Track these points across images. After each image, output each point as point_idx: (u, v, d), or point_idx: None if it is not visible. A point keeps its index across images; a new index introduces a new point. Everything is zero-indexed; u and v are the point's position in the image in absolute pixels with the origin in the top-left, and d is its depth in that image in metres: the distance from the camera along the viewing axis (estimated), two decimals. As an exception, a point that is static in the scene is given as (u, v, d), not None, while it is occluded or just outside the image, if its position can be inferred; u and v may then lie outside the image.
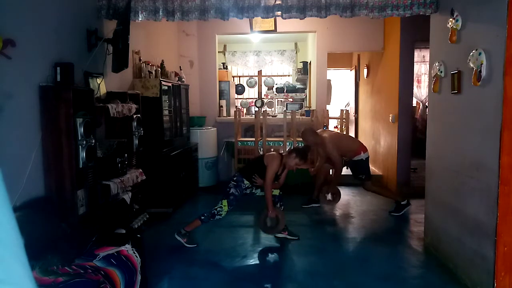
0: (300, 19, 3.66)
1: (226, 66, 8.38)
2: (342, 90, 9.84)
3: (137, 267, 2.49)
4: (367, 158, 4.87)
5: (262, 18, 3.74)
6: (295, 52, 8.88)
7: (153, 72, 4.89)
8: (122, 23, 3.49)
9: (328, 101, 7.34)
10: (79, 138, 2.80)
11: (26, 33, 2.61)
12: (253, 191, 3.90)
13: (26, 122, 2.65)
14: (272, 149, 5.70)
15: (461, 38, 3.10)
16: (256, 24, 6.33)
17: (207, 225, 4.57)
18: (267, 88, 8.77)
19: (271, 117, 6.61)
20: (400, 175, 5.74)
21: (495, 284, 2.57)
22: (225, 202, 3.73)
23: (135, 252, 2.54)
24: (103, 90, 3.59)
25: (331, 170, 5.30)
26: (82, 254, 2.41)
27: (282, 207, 3.93)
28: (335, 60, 8.19)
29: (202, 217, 3.72)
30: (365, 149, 4.90)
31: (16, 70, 2.51)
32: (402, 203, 4.75)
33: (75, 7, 3.33)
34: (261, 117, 5.65)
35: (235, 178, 3.82)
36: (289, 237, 3.89)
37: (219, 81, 6.98)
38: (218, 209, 3.71)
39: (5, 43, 2.35)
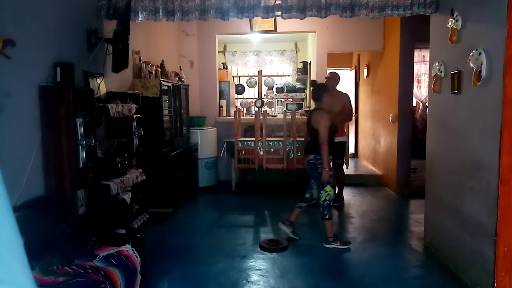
0: (300, 19, 3.67)
1: (226, 66, 8.38)
2: (342, 90, 9.80)
3: (137, 267, 2.49)
4: (346, 142, 5.23)
5: (262, 18, 3.74)
6: (295, 52, 8.89)
7: (153, 72, 4.89)
8: (122, 23, 3.48)
9: (328, 101, 7.32)
10: (79, 138, 2.80)
11: (26, 33, 2.61)
12: None
13: (26, 122, 2.64)
14: (272, 149, 5.71)
15: (461, 38, 3.10)
16: (256, 24, 6.33)
17: (207, 225, 4.59)
18: (267, 88, 8.77)
19: (271, 117, 6.61)
20: (400, 175, 5.73)
21: (495, 284, 2.57)
22: (329, 187, 3.68)
23: (135, 252, 2.54)
24: (103, 90, 3.59)
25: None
26: (82, 254, 2.42)
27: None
28: (335, 60, 8.19)
29: (327, 216, 3.72)
30: (344, 133, 5.25)
31: (16, 70, 2.50)
32: (341, 196, 5.22)
33: (75, 7, 3.33)
34: (261, 117, 5.65)
35: (320, 161, 3.63)
36: (291, 235, 3.89)
37: (219, 81, 6.98)
38: (327, 198, 3.69)
39: (5, 43, 2.35)
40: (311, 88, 3.93)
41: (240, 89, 8.76)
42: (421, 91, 8.25)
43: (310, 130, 3.76)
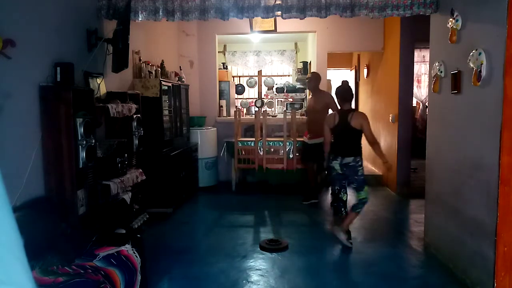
0: (300, 19, 3.66)
1: (226, 66, 8.37)
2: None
3: (137, 267, 2.49)
4: None
5: (262, 18, 3.74)
6: (295, 52, 8.88)
7: (153, 72, 4.89)
8: (122, 23, 3.49)
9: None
10: (79, 138, 2.80)
11: (26, 33, 2.61)
12: None
13: (26, 122, 2.64)
14: (272, 149, 5.71)
15: (461, 38, 3.10)
16: (256, 24, 6.33)
17: (207, 225, 4.59)
18: (267, 88, 8.75)
19: (271, 117, 6.61)
20: (400, 175, 5.73)
21: (495, 284, 2.57)
22: (366, 187, 3.78)
23: (135, 252, 2.54)
24: (103, 90, 3.59)
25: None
26: (82, 254, 2.42)
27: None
28: (335, 60, 8.19)
29: (358, 210, 3.78)
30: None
31: (16, 70, 2.50)
32: (315, 197, 5.31)
33: (75, 7, 3.33)
34: (261, 117, 5.65)
35: (360, 163, 3.73)
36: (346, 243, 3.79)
37: (219, 81, 6.98)
38: (366, 196, 3.77)
39: (5, 43, 2.35)
40: (341, 89, 3.89)
41: (240, 89, 8.75)
42: (421, 91, 8.25)
43: (348, 131, 3.70)
